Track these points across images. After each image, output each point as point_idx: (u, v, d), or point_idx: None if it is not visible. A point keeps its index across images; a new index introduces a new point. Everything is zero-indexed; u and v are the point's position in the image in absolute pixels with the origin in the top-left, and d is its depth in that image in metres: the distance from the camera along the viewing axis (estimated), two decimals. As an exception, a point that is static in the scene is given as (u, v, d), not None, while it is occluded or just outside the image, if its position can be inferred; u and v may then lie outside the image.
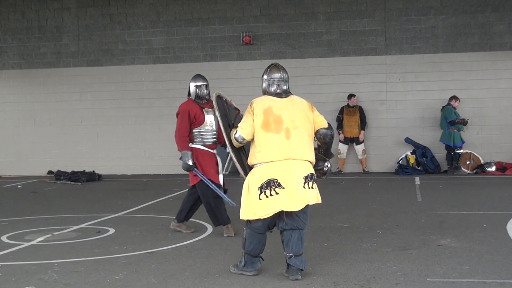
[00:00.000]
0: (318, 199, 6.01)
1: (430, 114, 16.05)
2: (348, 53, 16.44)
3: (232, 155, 6.21)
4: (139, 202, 11.45)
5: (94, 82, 17.47)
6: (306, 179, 5.91)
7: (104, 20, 17.49)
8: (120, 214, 10.25)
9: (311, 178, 5.96)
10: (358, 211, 9.96)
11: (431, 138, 16.01)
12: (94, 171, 16.32)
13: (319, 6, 16.53)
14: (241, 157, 6.26)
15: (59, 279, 6.11)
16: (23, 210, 11.05)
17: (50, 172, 17.27)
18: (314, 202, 5.97)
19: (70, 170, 16.53)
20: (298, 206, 5.88)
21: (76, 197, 12.97)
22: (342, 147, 16.09)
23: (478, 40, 15.94)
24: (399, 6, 16.20)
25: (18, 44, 17.88)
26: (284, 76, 6.24)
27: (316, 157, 6.19)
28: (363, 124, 16.04)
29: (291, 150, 5.95)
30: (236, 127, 6.16)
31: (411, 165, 15.73)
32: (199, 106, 8.20)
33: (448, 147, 15.45)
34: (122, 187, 14.29)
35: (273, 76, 6.22)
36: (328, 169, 6.34)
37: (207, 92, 8.32)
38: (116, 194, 13.10)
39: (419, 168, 15.72)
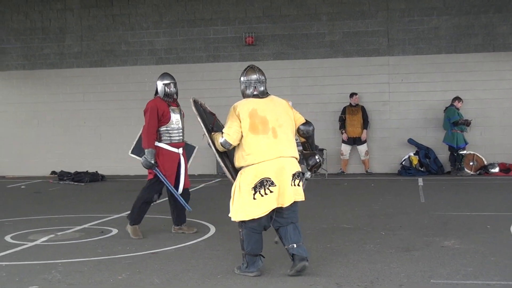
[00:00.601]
0: (303, 197, 6.14)
1: (433, 115, 16.03)
2: (350, 54, 16.43)
3: (218, 160, 6.26)
4: (142, 202, 11.44)
5: (97, 83, 17.49)
6: (293, 177, 6.04)
7: (107, 21, 17.51)
8: (123, 214, 10.24)
9: (298, 176, 6.09)
10: (361, 212, 9.96)
11: (434, 139, 15.99)
12: (97, 172, 16.35)
13: (322, 7, 16.53)
14: (225, 161, 6.30)
15: (63, 279, 6.13)
16: (27, 210, 11.08)
17: (53, 172, 17.30)
18: (301, 199, 6.11)
19: (73, 171, 16.55)
20: (287, 201, 6.00)
21: (79, 197, 12.99)
22: (345, 148, 16.07)
23: (481, 41, 15.92)
24: (402, 7, 16.19)
25: (22, 45, 17.91)
26: (260, 77, 6.33)
27: (305, 155, 6.35)
28: (366, 123, 16.00)
29: (280, 148, 6.06)
30: (219, 132, 6.22)
31: (414, 166, 15.71)
32: (167, 104, 8.27)
33: (451, 148, 15.43)
34: (125, 188, 14.29)
35: (250, 78, 6.34)
36: (320, 160, 6.42)
37: (175, 90, 8.40)
38: (119, 195, 13.11)
39: (422, 169, 15.70)
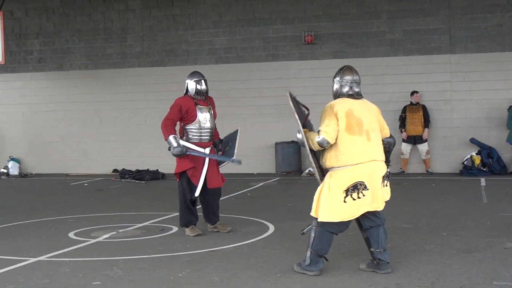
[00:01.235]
0: (389, 195, 6.18)
1: (496, 114, 15.70)
2: (411, 52, 16.23)
3: (311, 160, 6.16)
4: (202, 201, 11.53)
5: (157, 82, 17.71)
6: (383, 178, 6.05)
7: (167, 21, 17.72)
8: (183, 212, 10.36)
9: (387, 177, 6.13)
10: (422, 212, 9.83)
11: (497, 139, 15.66)
12: (157, 170, 16.56)
13: (382, 4, 16.37)
14: (316, 160, 6.22)
15: (124, 276, 6.23)
16: (89, 207, 11.30)
17: (115, 170, 17.60)
18: (388, 198, 6.15)
19: (134, 169, 16.82)
20: (380, 205, 6.03)
21: (140, 195, 13.19)
22: (405, 147, 15.88)
23: (546, 37, 15.54)
24: (464, 4, 15.89)
25: (85, 45, 18.28)
26: (356, 78, 6.23)
27: None
28: (427, 122, 15.78)
29: (373, 151, 6.03)
30: (313, 131, 6.16)
31: (476, 166, 15.41)
32: (194, 103, 8.16)
33: (514, 148, 15.13)
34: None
35: (345, 78, 6.22)
36: (390, 173, 6.39)
37: (206, 88, 8.28)
38: (179, 193, 13.22)
39: (485, 169, 15.38)
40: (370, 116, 6.14)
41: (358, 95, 6.22)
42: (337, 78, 6.26)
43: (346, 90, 6.19)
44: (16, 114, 18.78)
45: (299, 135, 6.21)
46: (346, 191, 5.90)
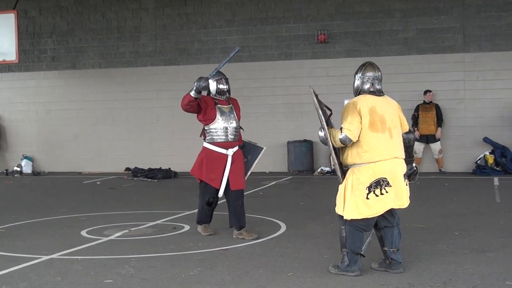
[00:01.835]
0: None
1: (510, 113, 15.62)
2: (425, 51, 16.17)
3: (333, 157, 6.10)
4: (214, 199, 11.54)
5: (170, 81, 17.74)
6: (404, 177, 6.03)
7: (180, 19, 17.74)
8: (195, 211, 10.30)
9: (408, 177, 6.13)
10: (434, 212, 9.79)
11: (511, 138, 15.58)
12: (170, 169, 16.61)
13: (395, 3, 16.31)
14: (338, 157, 6.17)
15: (136, 274, 6.25)
16: (102, 206, 11.35)
17: (127, 169, 17.66)
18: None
19: (147, 167, 16.87)
20: (404, 203, 6.02)
21: (152, 193, 13.22)
22: (418, 146, 15.78)
23: (561, 36, 15.43)
24: (478, 3, 15.81)
25: (98, 44, 18.34)
26: (378, 75, 6.18)
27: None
28: (440, 121, 15.73)
29: (395, 149, 6.00)
30: (335, 128, 6.08)
31: (490, 165, 15.34)
32: (214, 102, 7.98)
33: (529, 147, 15.03)
34: (197, 185, 14.34)
35: (367, 74, 6.16)
36: (417, 169, 6.45)
37: (227, 87, 8.09)
38: (191, 191, 13.22)
39: (498, 168, 15.31)
40: (392, 113, 6.10)
41: (380, 92, 6.17)
42: (358, 74, 6.19)
43: (367, 87, 6.14)
44: (29, 112, 18.88)
45: (321, 133, 6.16)
46: (369, 188, 5.87)
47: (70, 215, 10.13)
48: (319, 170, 16.21)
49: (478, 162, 15.54)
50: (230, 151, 7.99)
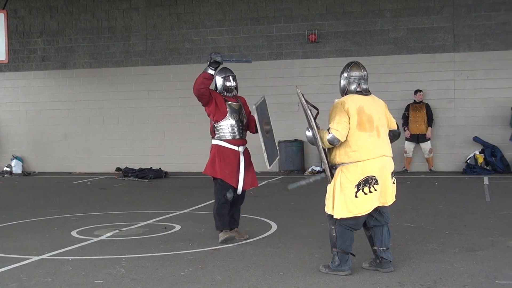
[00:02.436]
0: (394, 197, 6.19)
1: (500, 112, 15.67)
2: (415, 50, 16.21)
3: (322, 156, 6.09)
4: (205, 199, 11.52)
5: (161, 81, 17.72)
6: (392, 175, 6.06)
7: (171, 19, 17.72)
8: (186, 211, 10.38)
9: (395, 174, 6.14)
10: (424, 211, 9.82)
11: (501, 137, 15.64)
12: (160, 169, 16.59)
13: (386, 3, 16.34)
14: (327, 157, 6.16)
15: (127, 274, 6.24)
16: (92, 206, 11.33)
17: (118, 169, 17.62)
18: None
19: (137, 167, 16.84)
20: (390, 200, 6.06)
21: (143, 194, 13.20)
22: (408, 146, 15.87)
23: (551, 36, 15.49)
24: (468, 3, 15.86)
25: (88, 43, 18.29)
26: (364, 74, 6.17)
27: None
28: (430, 120, 15.77)
29: (383, 147, 6.03)
30: (322, 129, 6.06)
31: (480, 164, 15.39)
32: (223, 99, 7.85)
33: (518, 146, 15.09)
34: (188, 185, 14.45)
35: (353, 74, 6.15)
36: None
37: (235, 84, 7.98)
38: (182, 191, 13.26)
39: (488, 167, 15.37)
40: (380, 112, 6.12)
41: (367, 92, 6.16)
42: (344, 74, 6.18)
43: (354, 87, 6.13)
44: (19, 112, 18.81)
45: (309, 133, 6.15)
46: (357, 186, 5.89)
47: (60, 216, 10.11)
48: (310, 169, 16.23)
49: (468, 161, 15.59)
50: (241, 148, 7.90)
